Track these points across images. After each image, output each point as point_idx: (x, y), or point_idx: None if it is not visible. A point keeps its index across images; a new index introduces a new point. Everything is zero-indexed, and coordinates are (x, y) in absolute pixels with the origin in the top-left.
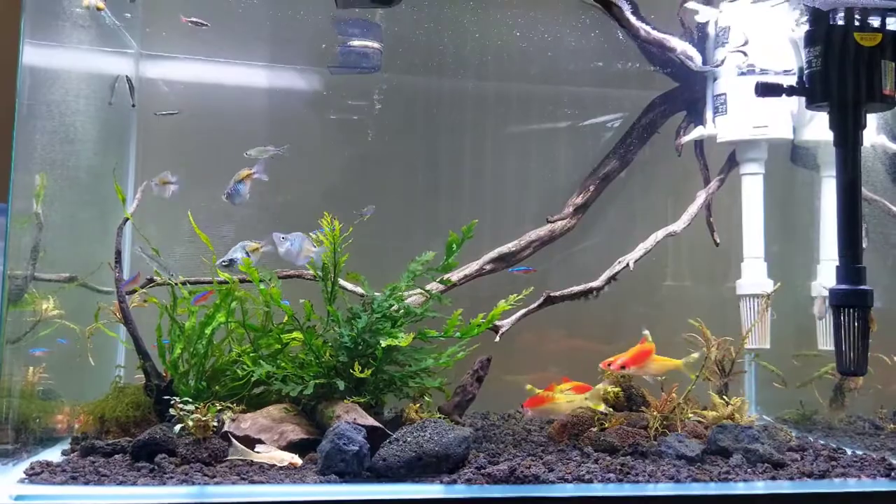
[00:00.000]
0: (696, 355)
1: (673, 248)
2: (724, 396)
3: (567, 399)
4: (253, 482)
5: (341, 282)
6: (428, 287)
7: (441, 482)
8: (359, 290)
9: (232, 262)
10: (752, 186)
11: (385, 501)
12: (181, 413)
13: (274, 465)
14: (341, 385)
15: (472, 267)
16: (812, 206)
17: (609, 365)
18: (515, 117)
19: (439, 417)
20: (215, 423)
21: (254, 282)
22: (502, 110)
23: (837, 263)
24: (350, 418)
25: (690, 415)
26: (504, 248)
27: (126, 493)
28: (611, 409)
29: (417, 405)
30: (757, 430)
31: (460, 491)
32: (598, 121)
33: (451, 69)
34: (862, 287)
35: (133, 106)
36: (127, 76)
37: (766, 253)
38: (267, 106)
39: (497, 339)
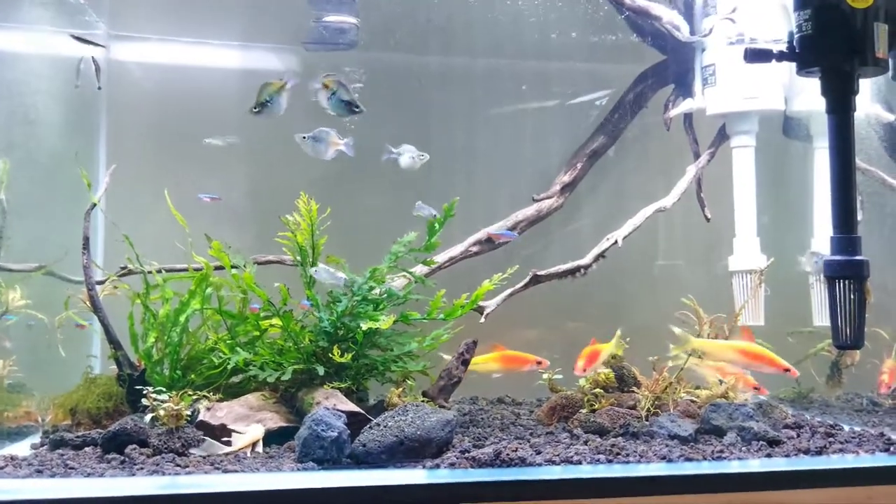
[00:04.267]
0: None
1: (665, 226)
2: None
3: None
4: (227, 471)
5: (321, 265)
6: (413, 270)
7: (424, 467)
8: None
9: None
10: (743, 160)
11: (365, 488)
12: (154, 403)
13: (251, 451)
14: (321, 370)
15: (458, 249)
16: (805, 180)
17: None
18: (501, 95)
19: (423, 401)
20: (188, 413)
21: (225, 266)
22: (487, 88)
23: (831, 234)
24: (330, 404)
25: (683, 394)
26: (491, 229)
27: (93, 485)
28: (601, 391)
29: (400, 389)
30: (751, 408)
31: (443, 476)
32: (587, 98)
33: (432, 45)
34: (857, 257)
35: (99, 88)
36: (93, 57)
37: (759, 228)
38: (243, 88)
39: (482, 319)
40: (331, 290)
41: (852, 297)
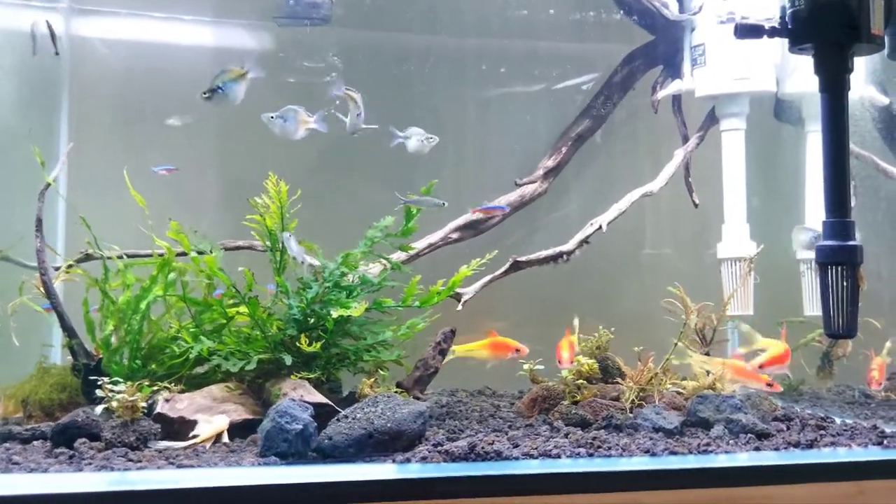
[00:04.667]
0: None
1: (652, 213)
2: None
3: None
4: (182, 466)
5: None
6: (391, 257)
7: (394, 461)
8: (310, 259)
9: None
10: (733, 143)
11: (330, 484)
12: (109, 394)
13: (214, 443)
14: (288, 360)
15: (437, 235)
16: (797, 165)
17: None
18: (484, 77)
19: (397, 393)
20: (144, 405)
21: (185, 250)
22: (469, 69)
23: (824, 218)
24: (297, 395)
25: (669, 385)
26: (471, 216)
27: (34, 481)
28: (584, 382)
29: (372, 380)
30: (740, 399)
31: (414, 470)
32: (574, 82)
33: (412, 23)
34: (850, 243)
35: (56, 54)
36: (47, 21)
37: (749, 214)
38: (215, 65)
39: (459, 307)
40: (301, 277)
41: (845, 283)
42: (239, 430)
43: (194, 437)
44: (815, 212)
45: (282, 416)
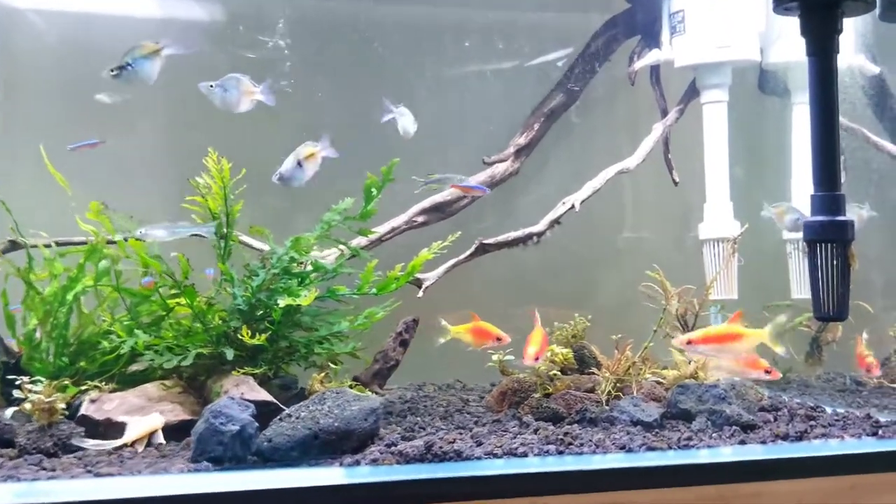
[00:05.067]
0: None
1: (631, 194)
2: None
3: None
4: (100, 475)
5: (244, 238)
6: (353, 242)
7: (341, 464)
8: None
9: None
10: (715, 116)
11: (267, 492)
12: (28, 394)
13: (145, 445)
14: (229, 354)
15: (401, 218)
16: (783, 139)
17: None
18: (452, 49)
19: (352, 387)
20: (64, 406)
21: (110, 234)
22: (437, 41)
23: (812, 192)
24: (237, 393)
25: (648, 375)
26: (438, 197)
27: None
28: (558, 373)
29: (323, 374)
30: (724, 389)
31: (363, 474)
32: (549, 58)
33: None
34: (840, 218)
35: None
36: None
37: (732, 192)
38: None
39: (420, 294)
40: (247, 263)
41: (835, 262)
42: (175, 433)
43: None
44: (802, 189)
45: (216, 417)
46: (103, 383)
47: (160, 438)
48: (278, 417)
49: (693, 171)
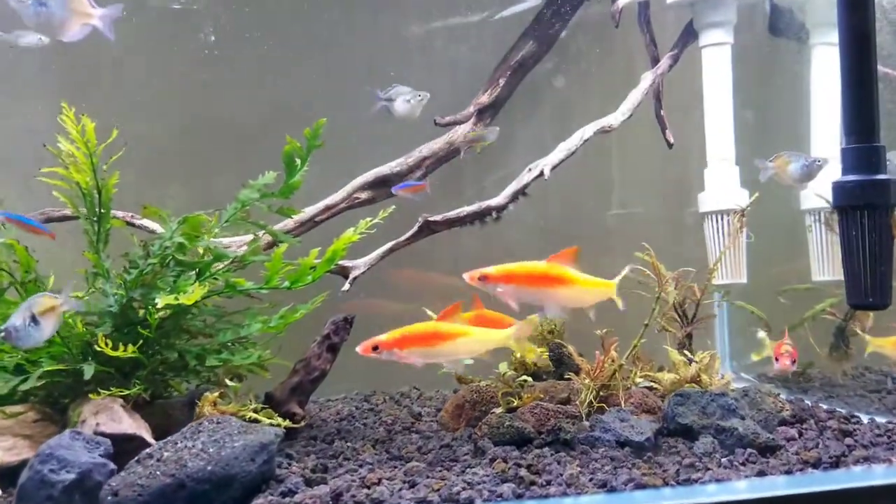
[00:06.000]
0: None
1: (619, 164)
2: (687, 351)
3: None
4: None
5: (136, 221)
6: (279, 227)
7: None
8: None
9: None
10: (717, 62)
11: None
12: None
13: None
14: (88, 371)
15: (338, 195)
16: (798, 90)
17: None
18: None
19: (257, 409)
20: None
21: None
22: None
23: (842, 145)
24: (93, 423)
25: (639, 379)
26: (385, 169)
27: None
28: (528, 379)
29: (216, 394)
30: (733, 397)
31: None
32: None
33: None
34: (880, 176)
35: None
36: None
37: (738, 155)
38: None
39: (346, 287)
40: (127, 252)
41: (875, 234)
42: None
43: None
44: (824, 146)
45: (45, 462)
46: None
47: None
48: (135, 459)
49: (691, 130)
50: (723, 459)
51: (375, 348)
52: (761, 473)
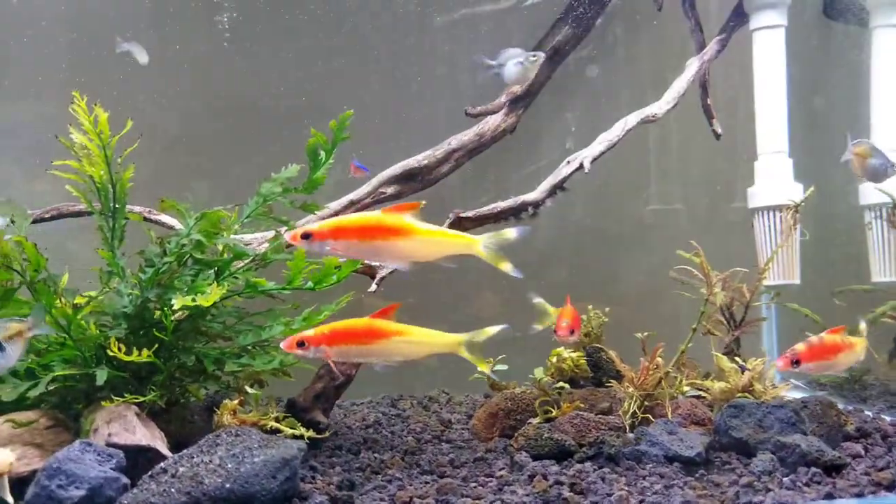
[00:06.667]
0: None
1: (658, 156)
2: (737, 357)
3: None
4: None
5: (153, 216)
6: (302, 223)
7: None
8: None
9: None
10: (770, 46)
11: None
12: None
13: None
14: (101, 376)
15: (363, 190)
16: (857, 77)
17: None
18: None
19: (279, 418)
20: None
21: None
22: None
23: None
24: (105, 433)
25: (685, 388)
26: (412, 162)
27: None
28: (565, 385)
29: (236, 401)
30: (793, 409)
31: None
32: None
33: None
34: None
35: None
36: None
37: (791, 147)
38: None
39: (373, 288)
40: (143, 250)
41: None
42: (24, 486)
43: None
44: (885, 136)
45: (52, 477)
46: None
47: (4, 491)
48: (148, 475)
49: (737, 120)
50: (784, 479)
51: (301, 344)
52: (829, 497)
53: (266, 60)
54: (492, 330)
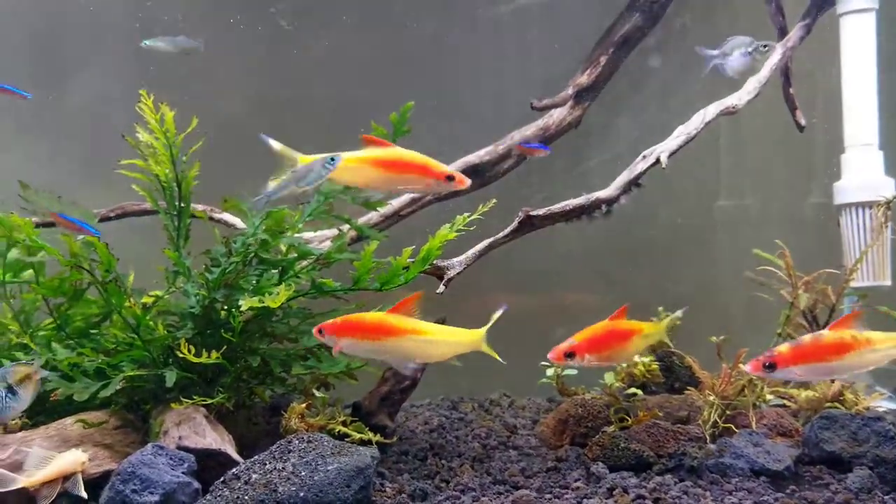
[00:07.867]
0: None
1: (730, 145)
2: None
3: None
4: None
5: (216, 215)
6: (363, 220)
7: None
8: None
9: None
10: (859, 31)
11: None
12: None
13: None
14: (170, 378)
15: None
16: None
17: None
18: None
19: (346, 422)
20: None
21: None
22: None
23: None
24: (175, 436)
25: (769, 396)
26: (473, 158)
27: None
28: (638, 391)
29: (304, 405)
30: (891, 421)
31: None
32: None
33: None
34: None
35: None
36: None
37: (882, 138)
38: None
39: (441, 289)
40: (209, 250)
41: None
42: (96, 488)
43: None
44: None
45: (126, 482)
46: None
47: (79, 490)
48: (221, 481)
49: (818, 110)
50: (886, 498)
51: (321, 332)
52: None
53: (321, 56)
54: (494, 316)
